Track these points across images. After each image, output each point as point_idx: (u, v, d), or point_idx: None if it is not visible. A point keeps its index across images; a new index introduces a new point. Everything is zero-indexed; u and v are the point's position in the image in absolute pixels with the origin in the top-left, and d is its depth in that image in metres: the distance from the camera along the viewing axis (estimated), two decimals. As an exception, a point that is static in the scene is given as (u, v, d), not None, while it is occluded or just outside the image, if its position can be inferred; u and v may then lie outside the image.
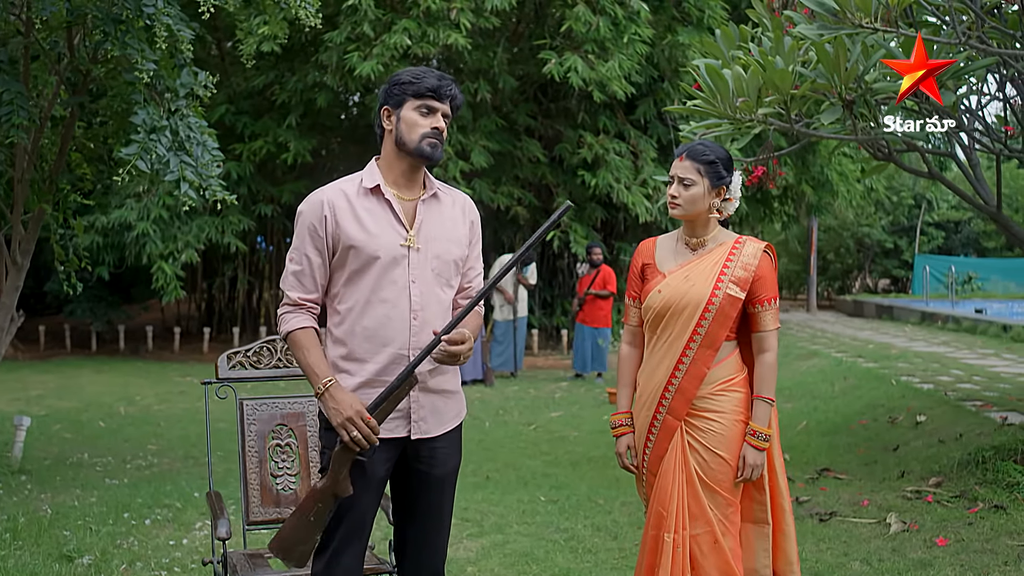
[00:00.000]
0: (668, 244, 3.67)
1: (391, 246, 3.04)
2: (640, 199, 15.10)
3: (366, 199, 3.07)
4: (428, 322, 3.07)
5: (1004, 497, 6.07)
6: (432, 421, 3.12)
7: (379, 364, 3.04)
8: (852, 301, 27.00)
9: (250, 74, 14.99)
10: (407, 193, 3.12)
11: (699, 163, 3.49)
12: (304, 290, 3.06)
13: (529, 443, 9.45)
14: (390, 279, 3.04)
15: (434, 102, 3.07)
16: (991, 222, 29.93)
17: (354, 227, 3.03)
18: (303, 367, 3.06)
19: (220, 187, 6.30)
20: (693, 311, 3.47)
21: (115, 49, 5.69)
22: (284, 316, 3.08)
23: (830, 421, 9.66)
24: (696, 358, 3.47)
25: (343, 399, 2.96)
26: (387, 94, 3.11)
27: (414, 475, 3.14)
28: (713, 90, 5.77)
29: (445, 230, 3.16)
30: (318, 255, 3.05)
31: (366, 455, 2.98)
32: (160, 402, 11.97)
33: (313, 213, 3.05)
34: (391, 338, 3.04)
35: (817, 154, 17.29)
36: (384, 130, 3.12)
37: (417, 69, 3.11)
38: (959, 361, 12.95)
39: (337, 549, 3.04)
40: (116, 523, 5.85)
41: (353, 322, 3.05)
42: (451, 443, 3.19)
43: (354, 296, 3.05)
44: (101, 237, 14.98)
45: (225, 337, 18.69)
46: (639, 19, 13.96)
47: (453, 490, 3.24)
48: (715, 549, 3.42)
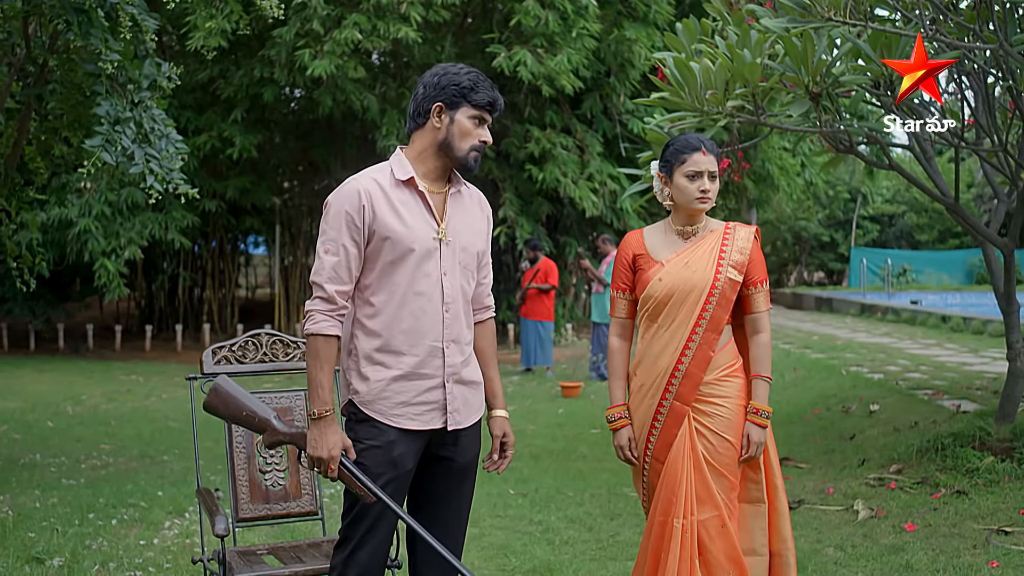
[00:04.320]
0: (657, 234, 3.69)
1: (425, 238, 3.03)
2: (587, 193, 15.16)
3: (399, 191, 3.05)
4: (458, 315, 3.10)
5: (965, 483, 6.19)
6: (464, 412, 3.14)
7: (417, 357, 3.03)
8: (791, 294, 27.40)
9: (193, 68, 14.77)
10: (436, 187, 3.12)
11: (716, 155, 3.53)
12: (341, 282, 2.99)
13: (486, 437, 9.37)
14: (424, 271, 3.03)
15: (487, 114, 3.07)
16: (924, 215, 30.63)
17: (392, 218, 3.00)
18: (311, 378, 2.99)
19: (182, 180, 6.20)
20: (698, 296, 3.51)
21: (78, 39, 5.57)
22: (314, 313, 2.99)
23: (784, 412, 9.77)
24: (702, 342, 3.51)
25: (332, 437, 2.95)
26: (442, 90, 3.03)
27: (438, 464, 3.14)
28: (680, 83, 5.80)
29: (469, 223, 3.17)
30: (355, 246, 2.99)
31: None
32: (108, 401, 11.76)
33: (350, 203, 2.99)
34: (427, 331, 3.04)
35: (759, 148, 17.46)
36: (423, 124, 3.07)
37: (471, 72, 3.06)
38: (904, 351, 13.18)
39: (359, 543, 3.02)
40: (83, 524, 5.73)
41: (391, 314, 3.02)
42: (474, 432, 3.21)
43: (389, 288, 3.02)
44: (41, 234, 14.63)
45: (167, 335, 18.44)
46: (587, 14, 13.99)
47: (474, 479, 3.25)
48: (723, 533, 3.45)
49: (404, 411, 3.03)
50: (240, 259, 23.02)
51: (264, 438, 3.10)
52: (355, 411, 3.05)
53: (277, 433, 3.08)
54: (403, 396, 3.03)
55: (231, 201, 16.92)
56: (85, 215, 14.25)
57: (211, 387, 3.14)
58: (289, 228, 19.17)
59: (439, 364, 3.06)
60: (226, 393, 3.12)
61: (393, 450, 3.02)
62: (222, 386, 3.13)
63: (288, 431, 3.08)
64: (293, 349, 3.96)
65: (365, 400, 3.03)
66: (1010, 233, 6.84)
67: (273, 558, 3.67)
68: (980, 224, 6.92)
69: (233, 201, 16.98)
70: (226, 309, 19.23)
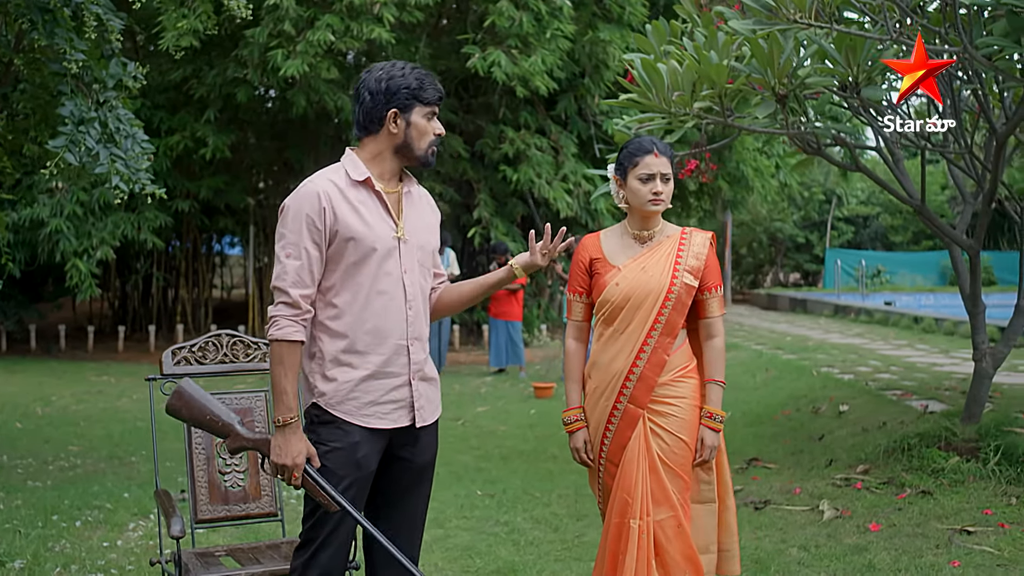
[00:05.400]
0: (613, 238, 3.70)
1: (386, 238, 3.04)
2: (561, 194, 15.18)
3: (356, 191, 3.04)
4: (420, 312, 3.12)
5: (930, 483, 6.23)
6: (429, 408, 3.16)
7: (383, 356, 3.04)
8: (766, 295, 27.50)
9: (166, 68, 14.68)
10: (390, 186, 3.12)
11: (670, 157, 3.54)
12: (305, 286, 2.98)
13: (458, 438, 9.42)
14: (385, 271, 3.03)
15: (437, 107, 3.08)
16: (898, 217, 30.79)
17: (353, 218, 3.00)
18: (276, 385, 2.96)
19: (149, 180, 6.17)
20: (654, 301, 3.53)
21: (42, 39, 5.53)
22: (279, 319, 2.97)
23: (754, 412, 9.81)
24: (657, 346, 3.53)
25: (296, 445, 2.94)
26: (393, 96, 3.02)
27: (397, 465, 3.14)
28: (648, 84, 5.81)
29: (424, 221, 3.19)
30: (316, 249, 2.98)
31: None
32: (78, 402, 11.67)
33: (310, 205, 2.97)
34: (391, 329, 3.04)
35: (733, 150, 17.52)
36: (378, 131, 3.06)
37: (414, 70, 3.05)
38: (875, 352, 13.25)
39: (321, 545, 3.01)
40: (46, 526, 5.69)
41: (356, 315, 3.01)
42: (433, 431, 3.22)
43: (352, 289, 3.01)
44: (12, 234, 14.55)
45: (140, 336, 18.33)
46: (562, 15, 14.00)
47: (432, 480, 3.25)
48: (679, 533, 3.47)
49: (373, 410, 3.03)
50: (215, 260, 22.92)
51: (227, 443, 3.08)
52: (319, 413, 3.04)
53: (241, 439, 3.07)
54: (371, 396, 3.03)
55: (204, 201, 16.83)
56: (57, 215, 14.13)
57: (174, 390, 3.12)
58: (264, 229, 19.08)
59: (405, 362, 3.07)
60: (189, 396, 3.10)
61: (357, 451, 3.01)
62: (186, 389, 3.11)
63: (252, 437, 3.07)
64: (254, 350, 3.94)
65: (332, 401, 3.02)
66: (976, 235, 6.89)
67: (231, 559, 3.65)
68: (946, 226, 6.97)
69: (207, 201, 16.89)
70: (200, 310, 19.13)
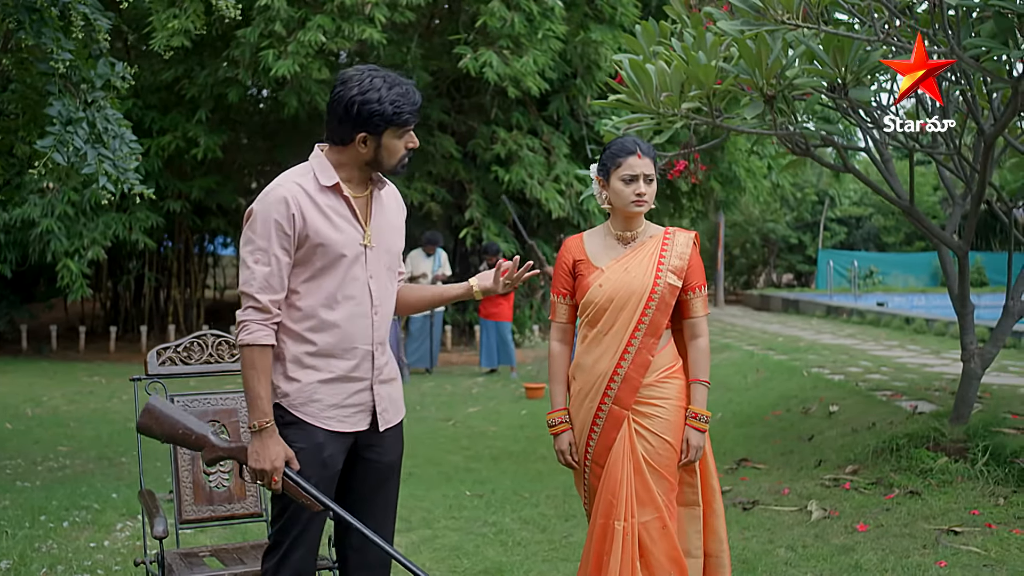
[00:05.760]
0: (597, 239, 3.70)
1: (354, 244, 3.02)
2: (553, 195, 15.18)
3: (324, 196, 3.01)
4: (385, 317, 3.10)
5: (918, 483, 6.24)
6: (392, 411, 3.16)
7: (349, 361, 3.03)
8: (759, 295, 27.52)
9: (158, 68, 14.66)
10: (359, 190, 3.09)
11: (653, 157, 3.54)
12: (273, 291, 2.96)
13: (449, 439, 9.42)
14: (352, 276, 3.02)
15: (413, 122, 3.02)
16: (891, 218, 30.82)
17: (323, 224, 2.97)
18: (249, 391, 2.95)
19: (137, 180, 6.16)
20: (638, 301, 3.52)
21: (29, 38, 5.53)
22: (248, 324, 2.95)
23: (745, 413, 9.82)
24: (641, 347, 3.52)
25: (274, 449, 2.92)
26: (365, 122, 2.93)
27: (362, 465, 3.13)
28: (637, 85, 5.81)
29: (390, 223, 3.17)
30: (285, 254, 2.96)
31: None
32: (68, 403, 11.65)
33: (278, 210, 2.93)
34: (357, 335, 3.03)
35: (726, 151, 17.53)
36: (347, 145, 3.01)
37: (391, 89, 2.93)
38: (866, 353, 13.27)
39: (290, 547, 3.01)
40: (33, 526, 5.68)
41: (321, 319, 3.00)
42: (397, 432, 3.20)
43: (318, 293, 3.00)
44: (3, 234, 14.53)
45: (132, 336, 18.29)
46: (553, 15, 14.01)
47: (399, 481, 3.24)
48: (664, 535, 3.47)
49: (335, 413, 3.03)
50: (208, 260, 22.88)
51: (203, 455, 3.07)
52: (282, 413, 3.02)
53: (216, 449, 3.05)
54: (333, 399, 3.02)
55: (196, 202, 16.80)
56: (48, 215, 14.08)
57: (143, 408, 3.08)
58: (256, 229, 19.03)
59: (368, 367, 3.07)
60: (160, 412, 3.07)
61: (323, 451, 3.01)
62: (155, 406, 3.07)
63: (227, 446, 3.05)
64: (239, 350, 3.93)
65: (294, 403, 3.01)
66: (964, 235, 6.90)
67: (215, 560, 3.65)
68: (934, 226, 6.98)
69: (198, 202, 16.87)
70: (192, 310, 19.10)
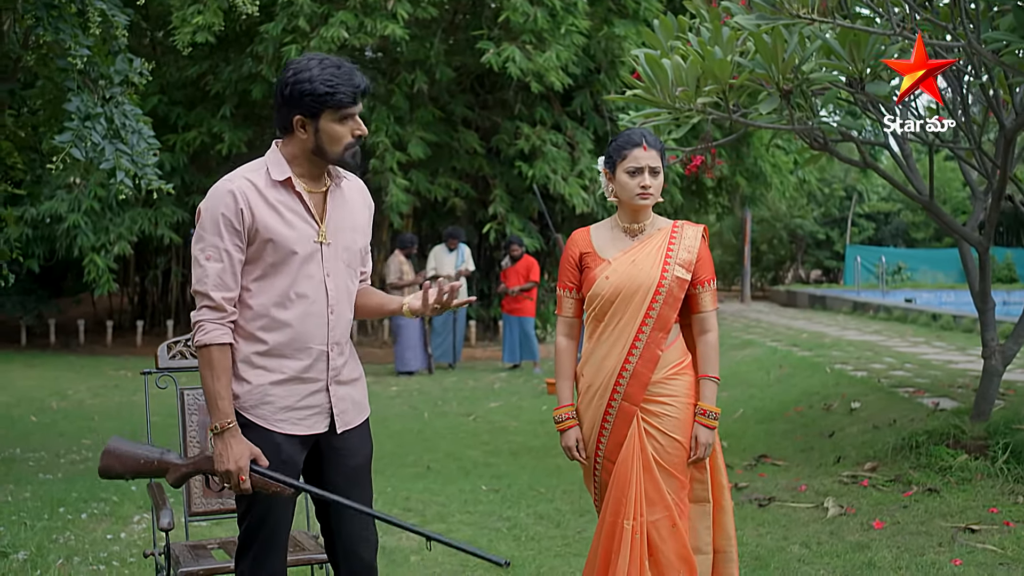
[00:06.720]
0: (603, 232, 3.67)
1: (306, 241, 2.95)
2: (577, 190, 15.15)
3: (276, 191, 2.94)
4: (342, 316, 3.04)
5: (937, 480, 6.20)
6: (353, 411, 3.10)
7: (302, 361, 2.97)
8: (785, 291, 27.37)
9: (183, 64, 14.77)
10: (315, 185, 3.02)
11: (659, 150, 3.51)
12: (228, 288, 2.89)
13: (469, 433, 9.44)
14: (306, 273, 2.95)
15: (352, 108, 2.92)
16: (920, 213, 30.59)
17: (273, 219, 2.91)
18: (208, 392, 2.89)
19: (156, 176, 6.20)
20: (645, 294, 3.49)
21: (47, 34, 5.58)
22: (204, 323, 2.89)
23: (766, 409, 9.78)
24: (649, 341, 3.49)
25: (238, 448, 2.87)
26: (297, 102, 2.87)
27: (332, 468, 3.08)
28: (653, 80, 5.80)
29: (351, 220, 3.09)
30: (237, 250, 2.89)
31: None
32: (93, 396, 11.76)
33: (226, 206, 2.87)
34: (311, 335, 2.97)
35: (751, 146, 17.45)
36: (289, 134, 2.95)
37: (325, 70, 2.86)
38: (891, 349, 13.17)
39: (260, 550, 3.00)
40: (52, 518, 5.74)
41: (273, 318, 2.94)
42: (361, 432, 3.14)
43: (269, 291, 2.93)
44: (31, 229, 14.65)
45: (159, 331, 18.42)
46: (576, 10, 13.98)
47: (370, 482, 3.18)
48: (673, 534, 3.45)
49: (288, 416, 2.97)
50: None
51: (168, 478, 3.03)
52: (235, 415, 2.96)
53: (179, 469, 3.02)
54: (286, 401, 2.96)
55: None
56: (74, 210, 14.23)
57: (102, 452, 3.03)
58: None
59: (323, 368, 3.01)
60: (116, 451, 3.02)
61: (280, 452, 2.96)
62: (111, 446, 3.03)
63: (189, 462, 3.02)
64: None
65: (244, 405, 2.95)
66: (985, 231, 6.84)
67: (223, 552, 3.67)
68: (955, 222, 6.92)
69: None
70: (218, 304, 19.20)
